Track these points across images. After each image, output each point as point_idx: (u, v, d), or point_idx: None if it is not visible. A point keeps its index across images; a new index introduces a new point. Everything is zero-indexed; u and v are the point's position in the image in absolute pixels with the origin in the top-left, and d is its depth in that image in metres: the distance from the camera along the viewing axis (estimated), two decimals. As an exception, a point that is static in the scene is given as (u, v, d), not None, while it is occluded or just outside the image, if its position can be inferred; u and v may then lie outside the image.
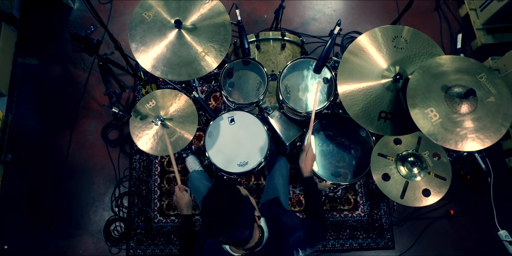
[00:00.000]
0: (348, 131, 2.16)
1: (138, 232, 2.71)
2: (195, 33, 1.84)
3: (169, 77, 1.82)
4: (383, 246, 2.67)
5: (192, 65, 1.82)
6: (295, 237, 1.41)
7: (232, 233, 1.19)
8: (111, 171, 2.87)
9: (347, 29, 3.17)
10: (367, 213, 2.74)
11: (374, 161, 1.96)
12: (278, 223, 1.43)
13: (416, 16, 3.20)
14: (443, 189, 1.92)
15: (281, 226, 1.43)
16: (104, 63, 2.32)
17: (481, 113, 1.54)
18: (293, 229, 1.44)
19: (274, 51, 2.34)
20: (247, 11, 3.25)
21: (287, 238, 1.40)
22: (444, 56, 1.64)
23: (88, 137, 2.97)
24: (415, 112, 1.54)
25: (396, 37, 1.75)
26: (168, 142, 1.87)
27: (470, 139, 1.52)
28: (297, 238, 1.41)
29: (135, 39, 1.82)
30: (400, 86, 1.71)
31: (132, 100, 3.04)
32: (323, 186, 2.43)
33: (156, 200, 2.79)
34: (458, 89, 1.54)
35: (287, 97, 2.10)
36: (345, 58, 1.75)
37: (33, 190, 2.86)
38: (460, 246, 2.68)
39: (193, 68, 1.82)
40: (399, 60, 1.74)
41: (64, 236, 2.75)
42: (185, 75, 1.82)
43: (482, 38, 2.97)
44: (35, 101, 3.06)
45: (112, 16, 3.26)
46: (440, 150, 2.00)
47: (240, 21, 2.06)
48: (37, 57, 3.15)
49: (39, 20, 3.25)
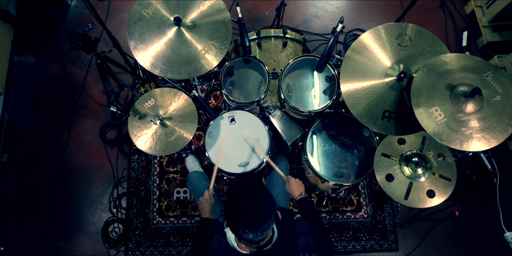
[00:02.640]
0: (351, 130, 2.16)
1: (136, 233, 2.71)
2: (195, 31, 1.84)
3: (168, 76, 1.82)
4: (386, 248, 2.67)
5: (192, 64, 1.82)
6: (304, 240, 1.43)
7: (257, 225, 1.21)
8: (109, 171, 2.88)
9: (350, 27, 3.17)
10: (370, 214, 2.74)
11: (377, 161, 1.96)
12: (288, 225, 1.44)
13: (421, 13, 3.20)
14: (448, 190, 1.92)
15: (291, 228, 1.44)
16: (102, 61, 2.32)
17: (487, 113, 1.53)
18: (303, 233, 1.45)
19: (275, 49, 2.35)
20: (248, 8, 3.25)
21: (297, 241, 1.41)
22: (449, 54, 1.64)
23: (86, 136, 2.97)
24: (420, 111, 1.53)
25: (400, 35, 1.75)
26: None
27: (476, 139, 1.51)
28: (306, 242, 1.43)
29: (134, 36, 1.82)
30: (404, 85, 1.71)
31: (131, 99, 3.04)
32: (325, 187, 2.43)
33: (155, 201, 2.79)
34: (463, 88, 1.54)
35: (288, 96, 2.10)
36: (348, 56, 1.75)
37: (30, 190, 2.86)
38: (465, 248, 2.68)
39: (193, 66, 1.82)
40: (403, 58, 1.73)
41: (61, 237, 2.75)
42: (185, 74, 1.82)
43: (488, 36, 2.97)
44: (31, 100, 3.07)
45: (110, 14, 3.26)
46: (445, 150, 2.00)
47: (241, 19, 2.06)
48: (34, 55, 3.15)
49: (36, 18, 3.25)
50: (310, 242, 1.43)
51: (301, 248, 1.41)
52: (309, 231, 1.47)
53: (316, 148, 2.15)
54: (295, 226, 1.47)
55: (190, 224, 2.73)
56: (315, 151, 2.15)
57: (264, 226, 1.22)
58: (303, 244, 1.42)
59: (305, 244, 1.42)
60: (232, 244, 1.36)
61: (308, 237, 1.44)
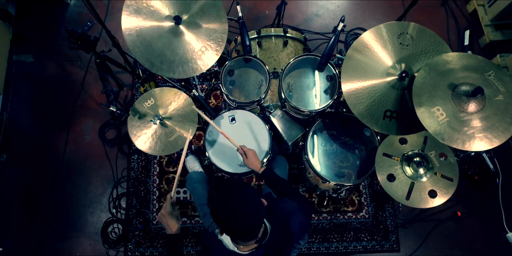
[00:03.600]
0: (352, 130, 2.16)
1: (136, 234, 2.72)
2: (194, 30, 1.85)
3: (171, 75, 1.82)
4: (388, 248, 2.68)
5: (192, 61, 1.82)
6: (296, 221, 1.45)
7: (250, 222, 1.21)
8: (109, 172, 2.88)
9: (351, 26, 3.17)
10: (371, 214, 2.74)
11: (379, 161, 1.96)
12: (276, 211, 1.45)
13: (422, 12, 3.20)
14: (450, 190, 1.92)
15: (280, 213, 1.45)
16: (101, 60, 2.32)
17: (489, 112, 1.53)
18: (292, 212, 1.47)
19: (276, 48, 2.34)
20: (248, 7, 3.25)
21: (290, 225, 1.43)
22: (451, 53, 1.64)
23: (85, 136, 2.97)
24: (421, 111, 1.53)
25: (401, 34, 1.75)
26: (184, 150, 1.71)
27: (478, 139, 1.51)
28: (298, 221, 1.46)
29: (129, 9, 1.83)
30: (406, 84, 1.71)
31: (130, 98, 3.04)
32: (326, 187, 2.43)
33: (154, 201, 2.80)
34: (465, 87, 1.54)
35: (289, 95, 2.10)
36: (349, 55, 1.75)
37: (29, 191, 2.86)
38: (467, 248, 2.68)
39: (193, 64, 1.82)
40: (404, 57, 1.74)
41: (60, 238, 2.76)
42: (187, 72, 1.82)
43: (491, 35, 2.96)
44: (30, 100, 3.07)
45: (110, 13, 3.26)
46: (447, 150, 2.00)
47: (241, 18, 2.06)
48: (33, 55, 3.15)
49: (35, 17, 3.25)
50: (301, 221, 1.46)
51: (295, 230, 1.44)
52: (295, 210, 1.49)
53: (317, 148, 2.15)
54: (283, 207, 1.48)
55: (190, 225, 2.73)
56: (316, 151, 2.15)
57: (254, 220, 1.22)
58: (295, 225, 1.45)
59: (297, 225, 1.45)
60: (232, 248, 1.36)
61: (297, 217, 1.47)
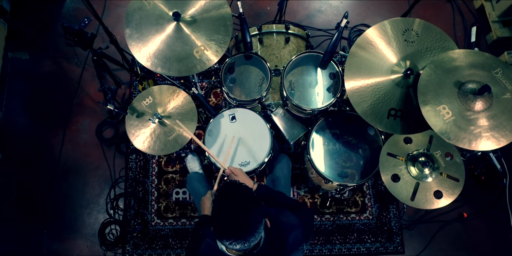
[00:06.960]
0: (355, 129, 2.17)
1: (134, 235, 2.72)
2: (195, 27, 1.84)
3: (163, 71, 1.82)
4: (392, 250, 2.68)
5: (188, 60, 1.82)
6: (293, 236, 1.44)
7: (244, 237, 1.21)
8: (106, 172, 2.89)
9: (355, 22, 3.16)
10: (375, 216, 2.75)
11: (383, 161, 1.96)
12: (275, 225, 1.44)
13: (428, 8, 3.19)
14: (456, 191, 1.92)
15: (279, 226, 1.45)
16: (98, 57, 2.32)
17: (497, 111, 1.53)
18: (291, 227, 1.46)
19: (277, 45, 2.35)
20: (249, 3, 3.25)
21: (286, 238, 1.42)
22: (458, 50, 1.63)
23: (82, 135, 2.98)
24: (427, 109, 1.54)
25: (406, 30, 1.75)
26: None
27: (485, 138, 1.51)
28: (295, 237, 1.44)
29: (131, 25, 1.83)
30: (411, 82, 1.71)
31: (128, 96, 3.05)
32: (329, 187, 2.43)
33: (153, 202, 2.80)
34: (472, 85, 1.54)
35: (291, 93, 2.11)
36: (352, 52, 1.75)
37: (25, 191, 2.87)
38: (474, 250, 2.68)
39: (189, 63, 1.81)
40: (409, 54, 1.73)
41: (57, 239, 2.77)
42: (181, 70, 1.82)
43: (498, 31, 2.96)
44: (26, 98, 3.08)
45: (107, 9, 3.26)
46: (452, 149, 2.00)
47: (242, 14, 2.06)
48: (29, 52, 3.16)
49: (31, 13, 3.26)
50: (299, 235, 1.45)
51: (292, 244, 1.43)
52: (296, 225, 1.48)
53: (319, 148, 2.16)
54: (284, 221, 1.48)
55: (189, 226, 2.74)
56: (319, 150, 2.15)
57: (252, 238, 1.22)
58: (294, 239, 1.44)
59: (295, 239, 1.44)
60: (221, 248, 1.37)
61: (296, 231, 1.46)
